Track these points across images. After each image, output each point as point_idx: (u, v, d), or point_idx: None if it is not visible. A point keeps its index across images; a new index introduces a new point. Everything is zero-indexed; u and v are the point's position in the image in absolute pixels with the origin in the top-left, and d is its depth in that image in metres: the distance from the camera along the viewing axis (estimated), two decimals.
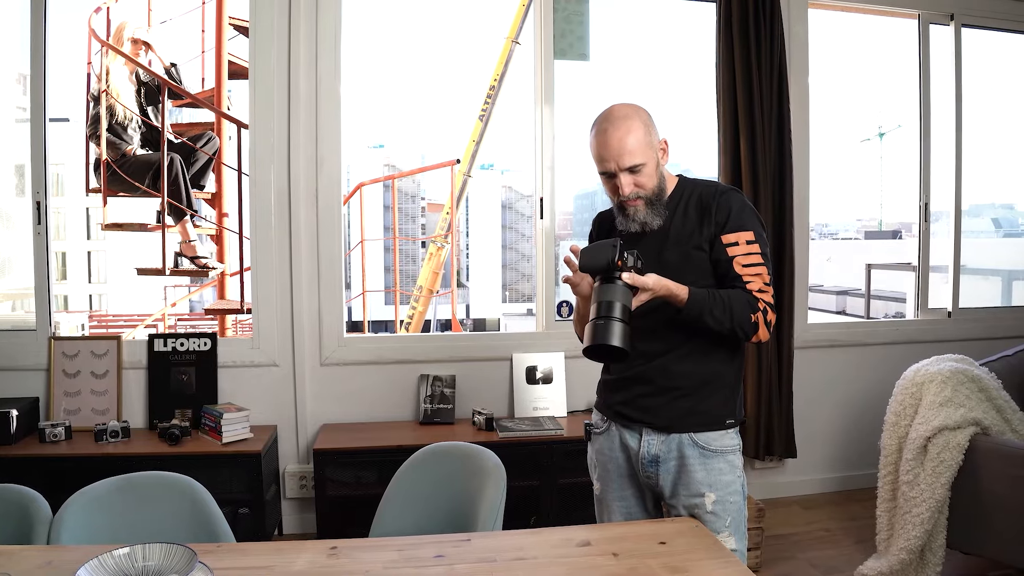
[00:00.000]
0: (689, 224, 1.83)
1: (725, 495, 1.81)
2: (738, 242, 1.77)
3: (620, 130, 1.78)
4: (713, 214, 1.80)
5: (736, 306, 1.72)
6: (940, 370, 2.91)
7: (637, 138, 1.78)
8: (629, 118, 1.79)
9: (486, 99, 10.34)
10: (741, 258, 1.77)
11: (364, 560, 1.54)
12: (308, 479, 3.40)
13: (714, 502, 1.80)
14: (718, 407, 1.83)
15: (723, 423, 1.83)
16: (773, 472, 3.92)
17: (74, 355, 3.35)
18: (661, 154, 1.85)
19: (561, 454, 3.23)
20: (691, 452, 1.81)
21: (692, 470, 1.81)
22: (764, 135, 3.57)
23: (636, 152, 1.77)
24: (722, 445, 1.82)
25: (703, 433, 1.81)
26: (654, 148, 1.81)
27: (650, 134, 1.81)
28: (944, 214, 4.30)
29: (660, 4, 3.85)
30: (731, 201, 1.81)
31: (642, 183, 1.80)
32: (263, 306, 3.44)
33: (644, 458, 1.86)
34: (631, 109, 1.83)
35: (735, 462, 1.84)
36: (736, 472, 1.84)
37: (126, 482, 2.00)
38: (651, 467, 1.85)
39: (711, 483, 1.80)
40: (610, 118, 1.80)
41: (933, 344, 3.80)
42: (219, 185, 4.31)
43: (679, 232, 1.83)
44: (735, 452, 1.84)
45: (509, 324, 28.18)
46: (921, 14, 4.11)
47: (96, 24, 3.96)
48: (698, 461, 1.81)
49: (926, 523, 2.73)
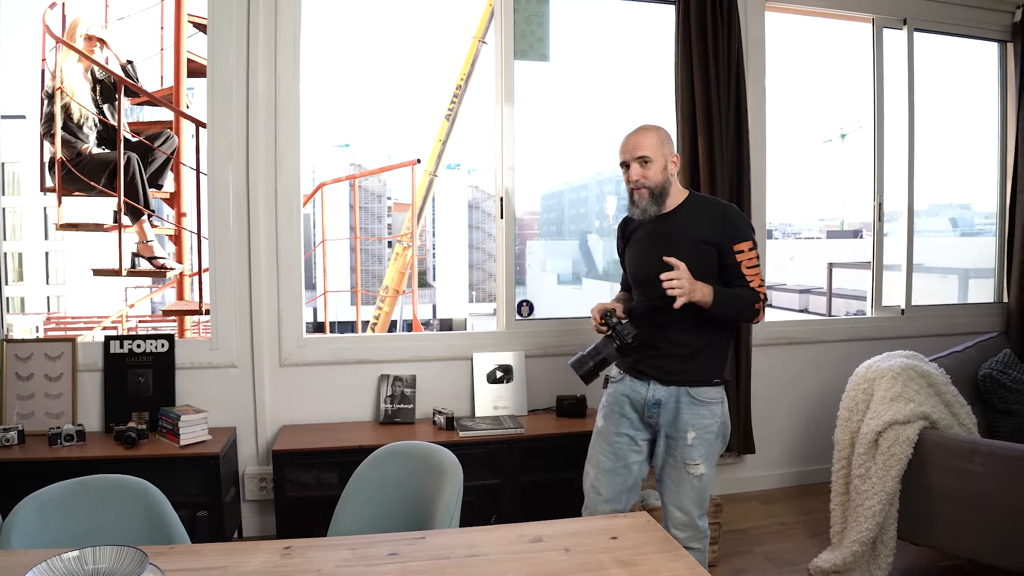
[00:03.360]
0: (698, 227, 2.34)
1: (703, 433, 2.35)
2: (743, 249, 2.31)
3: (639, 133, 2.39)
4: (723, 225, 2.33)
5: (744, 300, 2.30)
6: (891, 366, 2.98)
7: (650, 140, 2.36)
8: (649, 128, 2.39)
9: (452, 99, 10.32)
10: (746, 262, 2.31)
11: (317, 560, 1.54)
12: (268, 481, 3.37)
13: (694, 438, 2.34)
14: (708, 368, 2.38)
15: (711, 381, 2.37)
16: (732, 468, 3.98)
17: (27, 358, 3.29)
18: (671, 164, 2.39)
19: (521, 453, 3.24)
20: (684, 400, 2.36)
21: (683, 413, 2.35)
22: (722, 135, 3.63)
23: (647, 148, 2.34)
24: (708, 397, 2.36)
25: (695, 388, 2.35)
26: (664, 154, 2.36)
27: (663, 144, 2.37)
28: (899, 214, 4.40)
29: (620, 6, 3.88)
30: (737, 216, 2.37)
31: (648, 175, 2.35)
32: (221, 307, 3.41)
33: (649, 401, 2.41)
34: (654, 126, 2.41)
35: (716, 410, 2.37)
36: (715, 417, 2.37)
37: (79, 485, 1.97)
38: (654, 408, 2.40)
39: (694, 424, 2.34)
40: (637, 127, 2.41)
41: (887, 341, 3.89)
42: (178, 185, 4.26)
43: (688, 231, 2.34)
44: (718, 403, 2.38)
45: (476, 324, 28.12)
46: (875, 18, 4.20)
47: (51, 20, 3.90)
48: (688, 407, 2.35)
49: (877, 515, 2.79)
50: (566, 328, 3.75)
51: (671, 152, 2.39)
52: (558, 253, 35.92)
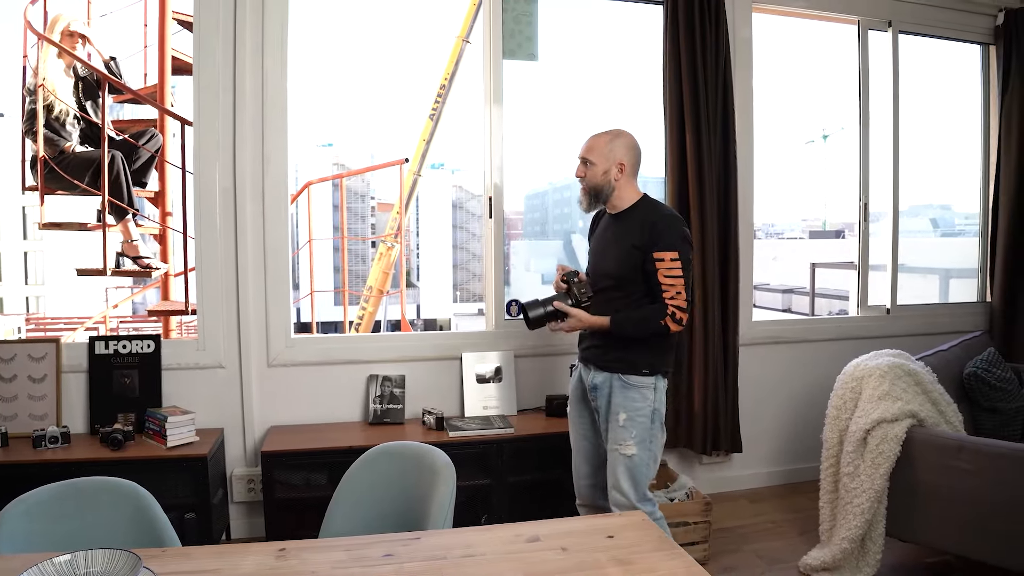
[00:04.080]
0: (633, 231, 2.49)
1: (634, 415, 2.49)
2: (663, 259, 2.42)
3: (594, 136, 2.58)
4: (650, 232, 2.44)
5: (648, 320, 2.45)
6: (879, 365, 3.00)
7: (599, 145, 2.55)
8: (605, 134, 2.58)
9: (436, 98, 10.30)
10: (664, 271, 2.42)
11: (312, 561, 1.53)
12: (256, 482, 3.34)
13: (625, 419, 2.49)
14: (640, 358, 2.50)
15: (640, 370, 2.50)
16: (720, 467, 4.00)
17: (10, 359, 3.24)
18: (615, 168, 2.52)
19: (511, 453, 3.24)
20: (617, 384, 2.52)
21: (615, 396, 2.52)
22: (709, 135, 3.64)
23: (592, 152, 2.55)
24: (638, 382, 2.50)
25: (627, 375, 2.50)
26: (610, 160, 2.52)
27: (613, 151, 2.53)
28: (884, 214, 4.43)
29: (608, 6, 3.89)
30: (666, 226, 2.45)
31: (587, 174, 2.56)
32: (208, 307, 3.38)
33: (589, 385, 2.61)
34: (613, 132, 2.59)
35: (647, 394, 2.50)
36: (647, 401, 2.50)
37: (68, 488, 1.94)
38: (593, 392, 2.60)
39: (625, 406, 2.50)
40: (602, 130, 2.61)
41: (873, 340, 3.92)
42: (162, 183, 4.22)
43: (624, 234, 2.52)
44: (649, 388, 2.50)
45: (460, 324, 28.08)
46: (861, 20, 4.23)
47: (32, 16, 3.84)
48: (619, 391, 2.51)
49: (866, 513, 2.81)
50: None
51: (620, 159, 2.52)
52: (542, 253, 35.95)
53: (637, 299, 2.50)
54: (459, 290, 36.82)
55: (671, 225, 2.47)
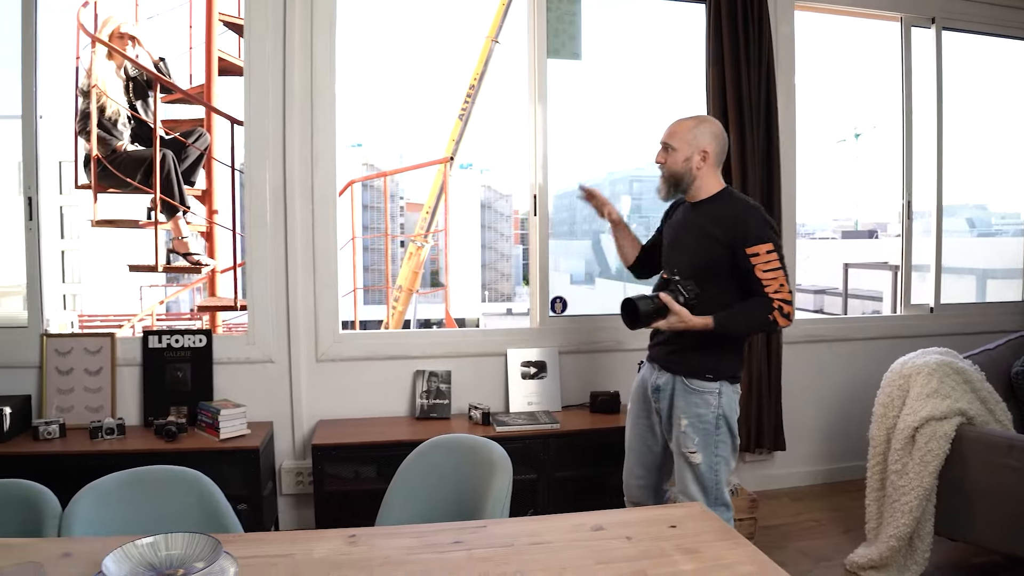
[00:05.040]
0: (714, 223, 2.36)
1: (695, 421, 2.39)
2: (758, 252, 2.29)
3: (678, 121, 2.46)
4: (735, 226, 2.32)
5: (755, 315, 2.32)
6: (926, 362, 2.99)
7: (682, 130, 2.43)
8: (689, 119, 2.46)
9: (466, 98, 10.33)
10: (761, 266, 2.28)
11: (384, 547, 1.57)
12: (305, 475, 3.40)
13: (686, 425, 2.40)
14: (705, 362, 2.40)
15: (703, 375, 2.40)
16: (763, 465, 4.00)
17: (67, 352, 3.33)
18: (698, 156, 2.40)
19: (557, 448, 3.27)
20: (679, 387, 2.43)
21: (677, 400, 2.43)
22: (753, 134, 3.64)
23: (674, 137, 2.43)
24: (701, 386, 2.39)
25: (689, 378, 2.41)
26: (692, 145, 2.40)
27: (697, 138, 2.40)
28: (924, 213, 4.40)
29: (651, 4, 3.90)
30: (753, 217, 2.33)
31: (668, 161, 2.44)
32: (258, 303, 3.44)
33: (652, 386, 2.52)
34: (704, 118, 2.50)
35: (710, 400, 2.39)
36: (710, 407, 2.39)
37: (135, 476, 2.00)
38: (655, 393, 2.51)
39: (687, 411, 2.41)
40: (690, 115, 2.49)
41: (915, 339, 3.87)
42: (210, 181, 4.29)
43: (704, 225, 2.39)
44: (713, 394, 2.39)
45: (488, 324, 28.13)
46: (904, 17, 4.20)
47: (84, 18, 3.93)
48: (681, 395, 2.42)
49: (914, 511, 2.80)
50: (600, 325, 3.77)
51: (704, 147, 2.40)
52: (571, 253, 35.86)
53: (713, 294, 2.34)
54: (487, 290, 36.88)
55: (757, 216, 2.35)
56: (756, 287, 2.30)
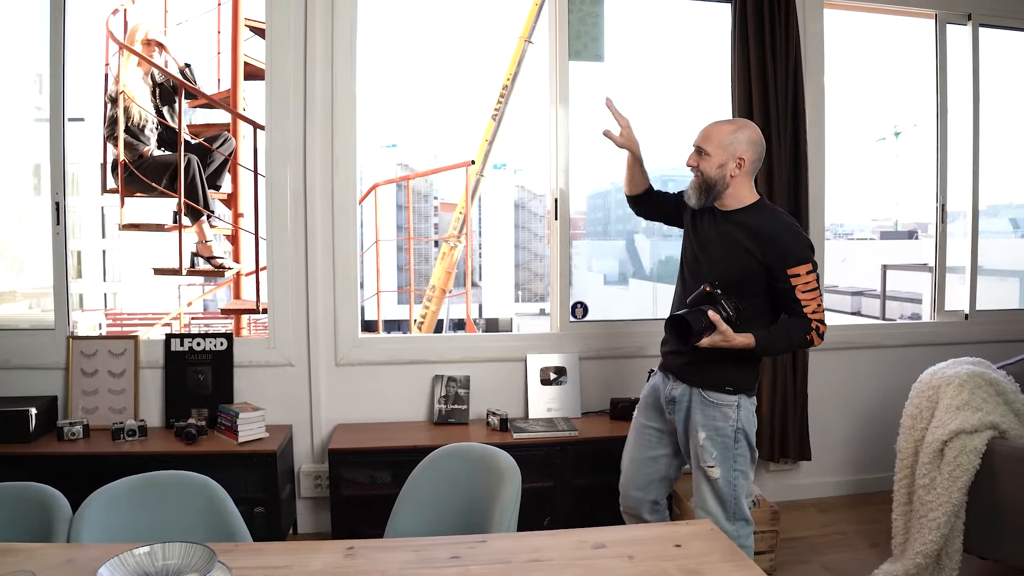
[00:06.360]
0: (750, 235, 2.27)
1: (713, 435, 2.33)
2: (800, 273, 2.23)
3: (714, 124, 2.34)
4: (776, 245, 2.24)
5: (795, 335, 2.30)
6: (957, 373, 2.89)
7: (718, 135, 2.30)
8: (726, 123, 2.34)
9: (499, 99, 10.31)
10: (802, 286, 2.24)
11: (381, 561, 1.55)
12: (323, 479, 3.41)
13: (704, 438, 2.33)
14: (725, 375, 2.34)
15: (723, 388, 2.34)
16: (787, 474, 3.91)
17: (92, 354, 3.38)
18: (733, 163, 2.28)
19: (575, 456, 3.23)
20: (696, 399, 2.37)
21: (694, 412, 2.37)
22: (779, 135, 3.56)
23: (709, 142, 2.30)
24: (720, 399, 2.34)
25: (708, 390, 2.35)
26: (728, 153, 2.28)
27: (734, 144, 2.28)
28: (961, 214, 4.27)
29: (675, 5, 3.84)
30: (795, 237, 2.26)
31: (701, 165, 2.31)
32: (279, 306, 3.46)
33: (666, 397, 2.45)
34: (744, 122, 2.37)
35: (728, 413, 2.33)
36: (728, 420, 2.33)
37: (145, 481, 2.02)
38: (670, 405, 2.44)
39: (704, 424, 2.34)
40: (726, 119, 2.39)
41: (949, 346, 3.77)
42: (235, 186, 4.34)
43: (738, 236, 2.29)
44: (732, 407, 2.33)
45: (522, 324, 28.13)
46: (938, 14, 4.07)
47: (114, 26, 4.00)
48: (699, 407, 2.36)
49: (943, 527, 2.71)
50: (621, 331, 3.72)
51: (741, 154, 2.28)
52: (604, 253, 35.71)
53: (744, 307, 2.27)
54: (521, 289, 36.87)
55: (797, 236, 2.28)
56: (795, 307, 2.27)
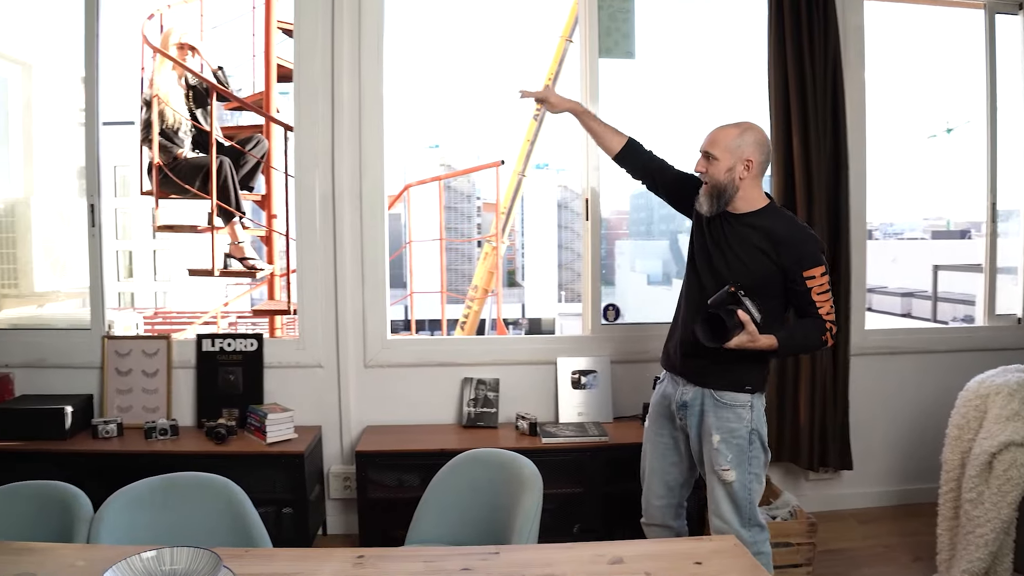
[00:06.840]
0: (762, 238, 2.26)
1: (728, 437, 2.30)
2: (815, 275, 2.23)
3: (719, 128, 2.32)
4: (792, 248, 2.24)
5: (811, 336, 2.28)
6: (1007, 382, 2.75)
7: (724, 139, 2.28)
8: (732, 127, 2.30)
9: None
10: (817, 288, 2.23)
11: (390, 571, 1.52)
12: (352, 480, 3.40)
13: (719, 441, 2.30)
14: (740, 375, 2.31)
15: (741, 387, 2.31)
16: (828, 484, 3.78)
17: (126, 354, 3.42)
18: (741, 166, 2.26)
19: (605, 461, 3.16)
20: (709, 402, 2.33)
21: (707, 415, 2.34)
22: (818, 133, 3.44)
23: (716, 146, 2.28)
24: (734, 400, 2.31)
25: (721, 391, 2.32)
26: (735, 155, 2.25)
27: (741, 147, 2.26)
28: (1014, 213, 4.09)
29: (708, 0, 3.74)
30: (808, 239, 2.27)
31: (709, 171, 2.30)
32: (308, 308, 3.46)
33: (677, 402, 2.41)
34: (748, 125, 2.31)
35: (742, 414, 2.30)
36: (742, 421, 2.30)
37: (165, 482, 2.02)
38: (682, 410, 2.40)
39: (719, 427, 2.31)
40: (730, 122, 2.33)
41: (1001, 352, 3.60)
42: (268, 187, 4.37)
43: (751, 239, 2.28)
44: (746, 407, 2.31)
45: (565, 324, 28.04)
46: (988, 4, 3.91)
47: (149, 30, 4.05)
48: (712, 410, 2.33)
49: (991, 544, 2.58)
50: (653, 334, 3.62)
51: (748, 156, 2.26)
52: (647, 253, 35.45)
53: (762, 308, 2.23)
54: (564, 289, 36.77)
55: (810, 238, 2.29)
56: (811, 308, 2.27)
